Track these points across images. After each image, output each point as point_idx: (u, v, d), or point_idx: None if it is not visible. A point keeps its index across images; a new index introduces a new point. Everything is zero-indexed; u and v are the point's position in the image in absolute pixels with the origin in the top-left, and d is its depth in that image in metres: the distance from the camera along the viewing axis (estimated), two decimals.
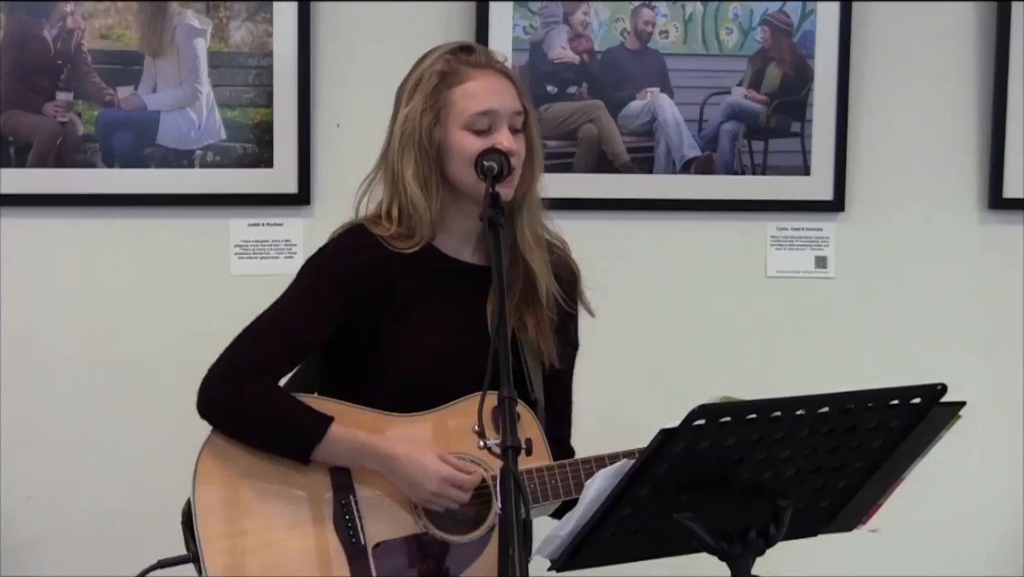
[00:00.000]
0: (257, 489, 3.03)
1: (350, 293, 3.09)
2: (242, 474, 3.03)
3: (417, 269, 3.11)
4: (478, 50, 3.16)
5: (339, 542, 3.02)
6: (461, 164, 3.06)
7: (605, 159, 4.17)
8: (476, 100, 3.06)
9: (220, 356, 3.08)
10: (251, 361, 3.06)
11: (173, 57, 3.95)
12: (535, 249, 3.14)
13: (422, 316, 3.12)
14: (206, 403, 3.05)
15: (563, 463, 3.10)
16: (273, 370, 3.09)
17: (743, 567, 2.59)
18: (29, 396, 3.99)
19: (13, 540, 3.99)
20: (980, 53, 4.33)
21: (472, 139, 3.05)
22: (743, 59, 4.22)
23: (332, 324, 3.09)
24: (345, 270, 3.10)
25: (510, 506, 2.50)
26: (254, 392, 3.04)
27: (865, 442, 2.62)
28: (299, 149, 4.00)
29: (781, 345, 4.29)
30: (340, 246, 3.15)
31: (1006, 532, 4.43)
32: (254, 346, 3.08)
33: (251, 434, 3.04)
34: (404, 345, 3.11)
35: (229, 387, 3.04)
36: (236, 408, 3.04)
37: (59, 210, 3.95)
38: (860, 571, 4.31)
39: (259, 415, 3.03)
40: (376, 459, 3.03)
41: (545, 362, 3.20)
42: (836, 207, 4.27)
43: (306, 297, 3.11)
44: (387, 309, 3.10)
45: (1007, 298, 4.40)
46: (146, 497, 4.00)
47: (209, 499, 3.01)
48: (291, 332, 3.10)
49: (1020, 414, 4.39)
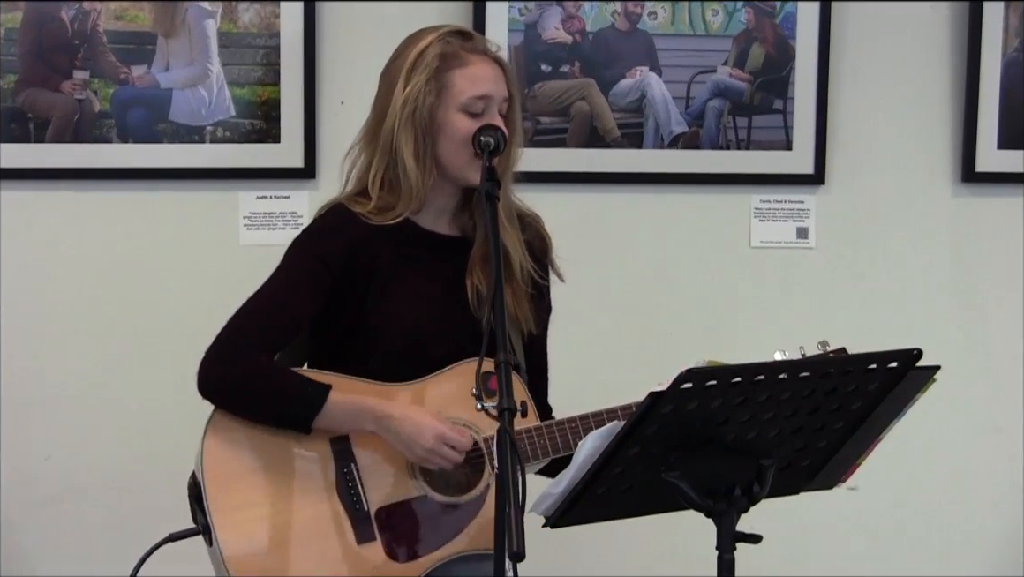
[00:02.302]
0: (261, 462, 3.03)
1: (335, 268, 3.08)
2: (246, 449, 3.03)
3: (397, 242, 3.11)
4: (476, 37, 3.17)
5: (343, 508, 3.03)
6: (453, 144, 3.07)
7: (596, 135, 4.17)
8: (475, 84, 3.06)
9: (216, 337, 3.07)
10: (246, 339, 3.05)
11: (184, 37, 3.95)
12: (508, 227, 3.12)
13: (404, 288, 3.12)
14: (206, 383, 3.04)
15: (551, 423, 3.10)
16: (267, 347, 3.07)
17: (728, 523, 2.60)
18: (47, 359, 4.00)
19: (34, 497, 4.00)
20: (954, 33, 4.32)
21: (466, 121, 3.06)
22: (728, 39, 4.22)
23: (320, 299, 3.09)
24: (330, 246, 3.10)
25: (507, 466, 2.51)
26: (252, 368, 3.03)
27: (844, 404, 2.62)
28: (305, 125, 4.00)
29: (764, 312, 4.29)
30: (323, 224, 3.15)
31: (1005, 529, 4.45)
32: (248, 325, 3.07)
33: (252, 409, 3.03)
34: (389, 316, 3.10)
35: (227, 366, 3.03)
36: (235, 385, 3.03)
37: (76, 183, 3.96)
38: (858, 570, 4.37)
39: (259, 389, 3.03)
40: (374, 420, 3.02)
41: (524, 329, 3.19)
42: (817, 180, 4.27)
43: (294, 275, 3.10)
44: (371, 282, 3.10)
45: (979, 267, 4.40)
46: (160, 458, 4.01)
47: (216, 474, 3.00)
48: (283, 309, 3.08)
49: (990, 377, 4.40)
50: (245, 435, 3.03)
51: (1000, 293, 4.40)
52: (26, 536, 3.99)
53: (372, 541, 3.02)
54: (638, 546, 4.16)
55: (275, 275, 3.13)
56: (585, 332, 4.08)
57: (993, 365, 4.40)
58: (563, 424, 3.10)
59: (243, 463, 3.02)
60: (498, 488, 2.52)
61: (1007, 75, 4.31)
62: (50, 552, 4.00)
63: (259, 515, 3.01)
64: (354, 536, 3.02)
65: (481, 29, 4.01)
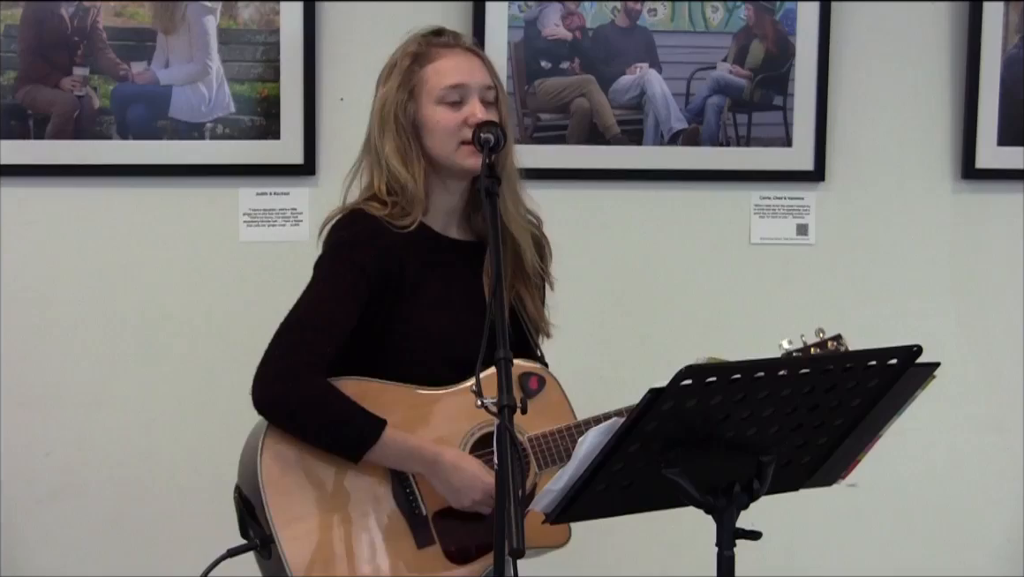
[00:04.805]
0: (318, 473, 3.03)
1: (373, 277, 3.07)
2: (302, 461, 3.03)
3: (419, 249, 3.12)
4: (447, 32, 3.19)
5: (401, 514, 3.05)
6: (436, 137, 3.09)
7: (596, 131, 4.16)
8: (446, 75, 3.09)
9: (269, 353, 3.03)
10: (302, 357, 3.02)
11: (184, 34, 3.94)
12: (519, 219, 3.15)
13: (429, 293, 3.13)
14: (263, 401, 3.01)
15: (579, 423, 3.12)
16: (322, 363, 3.04)
17: (728, 520, 2.59)
18: (47, 355, 3.99)
19: (34, 493, 3.99)
20: (954, 30, 4.31)
21: (445, 112, 3.08)
22: (728, 36, 4.20)
23: (360, 309, 3.08)
24: (367, 256, 3.08)
25: (507, 463, 2.50)
26: (310, 392, 3.01)
27: (844, 401, 2.61)
28: (305, 122, 3.99)
29: (764, 308, 4.28)
30: (355, 234, 3.12)
31: (1005, 525, 4.44)
32: (301, 341, 3.04)
33: (306, 433, 3.02)
34: (416, 323, 3.11)
35: (285, 386, 3.01)
36: (292, 408, 3.01)
37: (76, 180, 3.95)
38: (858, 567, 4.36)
39: (316, 416, 3.01)
40: (424, 463, 3.03)
41: (542, 329, 3.24)
42: (816, 177, 4.26)
43: (336, 286, 3.08)
44: (401, 289, 3.10)
45: (979, 263, 4.39)
46: (160, 454, 4.01)
47: (276, 488, 2.99)
48: (332, 323, 3.06)
49: (990, 373, 4.39)
50: (300, 448, 3.03)
51: (1000, 290, 4.39)
52: (26, 532, 3.98)
53: (432, 545, 3.06)
54: (638, 543, 4.15)
55: (318, 286, 3.10)
56: (584, 329, 4.07)
57: (993, 362, 4.39)
58: (571, 429, 3.12)
59: (300, 475, 3.03)
60: (497, 485, 2.52)
61: (1007, 71, 4.30)
62: (50, 548, 4.00)
63: (320, 525, 3.01)
64: (414, 541, 3.05)
65: (481, 25, 4.00)
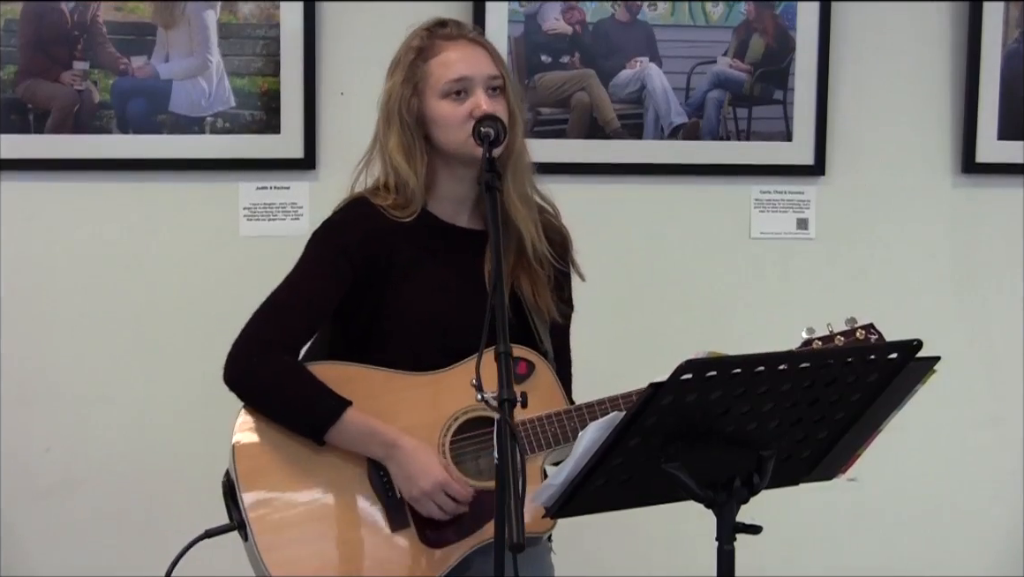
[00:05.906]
0: (292, 455, 3.03)
1: (356, 260, 3.08)
2: (276, 443, 3.03)
3: (416, 236, 3.11)
4: (450, 23, 3.17)
5: (376, 496, 3.04)
6: (443, 130, 3.07)
7: (596, 126, 4.16)
8: (449, 68, 3.07)
9: (244, 330, 3.06)
10: (274, 334, 3.05)
11: (184, 28, 3.94)
12: (521, 208, 3.13)
13: (423, 279, 3.12)
14: (232, 377, 3.03)
15: (551, 413, 3.09)
16: (294, 342, 3.07)
17: (728, 514, 2.59)
18: (47, 351, 3.99)
19: (34, 489, 3.99)
20: (954, 24, 4.31)
21: (450, 105, 3.07)
22: (728, 30, 4.20)
23: (342, 291, 3.09)
24: (350, 239, 3.10)
25: (507, 457, 2.50)
26: (276, 369, 3.03)
27: (844, 395, 2.61)
28: (305, 116, 3.99)
29: (764, 303, 4.28)
30: (345, 217, 3.15)
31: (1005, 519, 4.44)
32: (275, 319, 3.06)
33: (270, 410, 3.04)
34: (407, 306, 3.10)
35: (253, 362, 3.03)
36: (258, 385, 3.03)
37: (76, 174, 3.95)
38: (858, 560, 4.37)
39: (280, 393, 3.03)
40: (383, 445, 3.02)
41: (547, 317, 3.20)
42: (817, 171, 4.26)
43: (317, 267, 3.10)
44: (390, 273, 3.10)
45: (979, 257, 4.39)
46: (159, 449, 4.01)
47: (247, 469, 3.00)
48: (308, 303, 3.08)
49: (991, 368, 4.39)
50: (275, 430, 3.04)
51: (1000, 284, 4.39)
52: (25, 528, 3.98)
53: (406, 528, 3.04)
54: (638, 537, 4.15)
55: (297, 268, 3.12)
56: (585, 323, 4.05)
57: (993, 356, 4.39)
58: (560, 415, 3.09)
59: (274, 456, 3.03)
60: (498, 479, 2.51)
61: (1007, 66, 4.29)
62: (49, 543, 4.00)
63: (293, 506, 3.01)
64: (388, 523, 3.03)
65: (481, 20, 4.00)
